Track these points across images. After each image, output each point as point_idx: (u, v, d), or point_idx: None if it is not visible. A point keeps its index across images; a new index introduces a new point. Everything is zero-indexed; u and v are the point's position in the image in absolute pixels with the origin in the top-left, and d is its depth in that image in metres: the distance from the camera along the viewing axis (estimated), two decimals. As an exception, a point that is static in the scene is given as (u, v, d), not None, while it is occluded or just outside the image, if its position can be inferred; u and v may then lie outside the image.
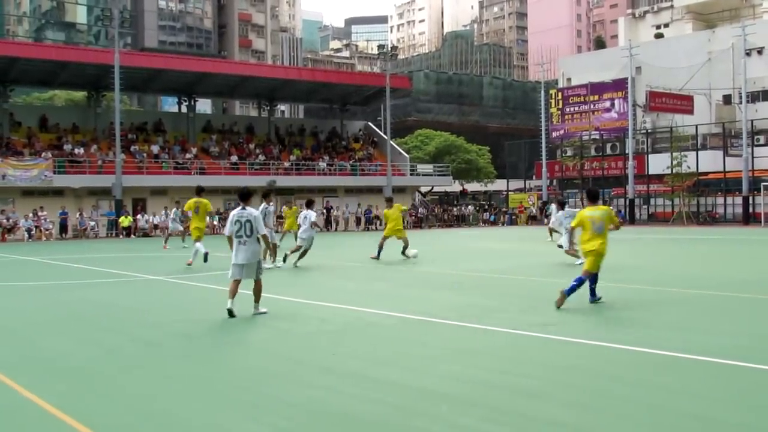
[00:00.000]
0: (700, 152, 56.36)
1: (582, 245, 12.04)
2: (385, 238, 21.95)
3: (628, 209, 56.78)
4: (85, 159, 46.38)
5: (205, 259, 19.83)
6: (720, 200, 55.57)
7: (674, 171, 54.01)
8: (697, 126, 57.44)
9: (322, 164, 55.05)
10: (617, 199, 59.98)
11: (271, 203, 18.43)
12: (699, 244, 30.08)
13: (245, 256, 11.29)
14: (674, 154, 54.42)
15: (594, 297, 12.06)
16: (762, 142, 58.49)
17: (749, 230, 42.49)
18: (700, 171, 54.42)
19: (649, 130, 66.20)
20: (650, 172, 58.29)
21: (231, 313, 11.03)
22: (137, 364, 8.11)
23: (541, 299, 12.73)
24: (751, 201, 51.61)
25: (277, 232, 21.17)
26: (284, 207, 32.15)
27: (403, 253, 21.65)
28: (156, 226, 44.88)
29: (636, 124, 62.07)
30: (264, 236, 11.49)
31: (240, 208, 11.39)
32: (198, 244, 20.32)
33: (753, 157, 52.53)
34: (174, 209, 33.71)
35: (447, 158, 67.83)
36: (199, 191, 21.57)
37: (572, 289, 11.61)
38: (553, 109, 65.34)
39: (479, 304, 12.40)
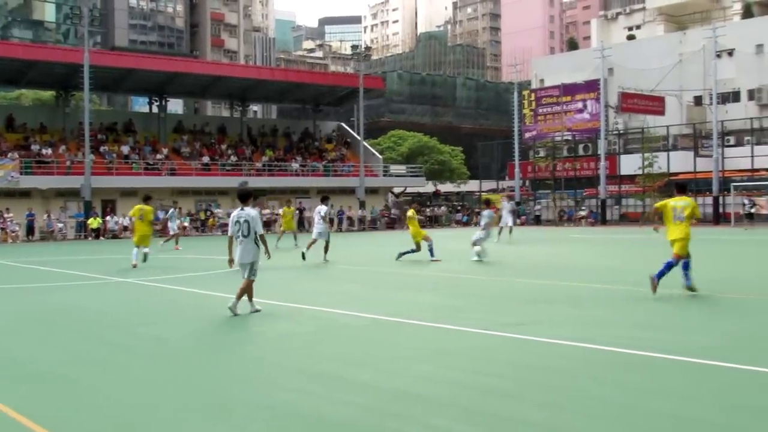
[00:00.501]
0: (671, 153, 56.76)
1: (667, 235, 12.97)
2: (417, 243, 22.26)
3: (600, 210, 57.20)
4: (53, 159, 45.87)
5: (145, 259, 20.93)
6: (700, 201, 54.59)
7: (645, 171, 54.33)
8: (668, 127, 57.96)
9: (295, 165, 54.90)
10: (589, 199, 60.36)
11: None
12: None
13: (239, 255, 11.50)
14: (645, 154, 54.75)
15: (688, 281, 12.76)
16: (732, 143, 59.01)
17: (719, 230, 43.05)
18: (671, 171, 54.63)
19: (621, 131, 66.69)
20: (622, 173, 58.60)
21: (234, 314, 11.38)
22: (105, 368, 7.98)
23: (513, 299, 12.74)
24: (721, 201, 51.92)
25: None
26: (284, 207, 32.14)
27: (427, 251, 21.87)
28: (126, 228, 44.44)
29: (608, 125, 62.60)
30: (262, 235, 11.50)
31: (239, 208, 11.60)
32: (136, 250, 21.09)
33: (723, 158, 52.91)
34: (171, 209, 33.29)
35: (420, 159, 67.89)
36: (146, 199, 22.42)
37: (661, 274, 12.48)
38: (525, 110, 65.48)
39: (452, 304, 12.39)
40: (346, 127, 63.49)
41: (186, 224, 44.29)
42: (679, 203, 12.94)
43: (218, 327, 10.59)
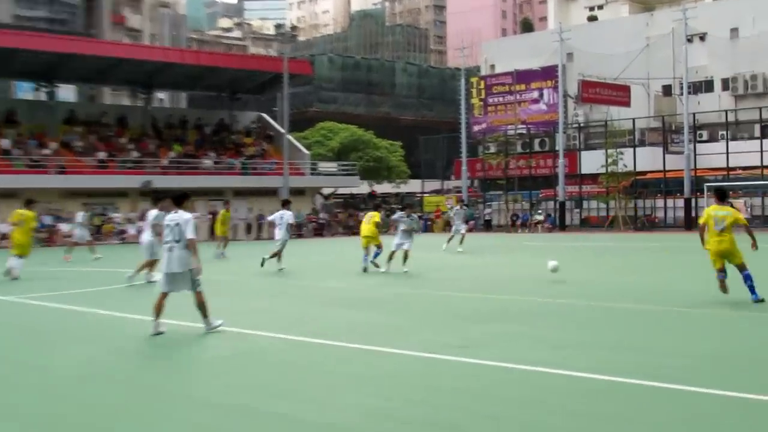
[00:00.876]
0: (637, 149, 57.26)
1: (706, 244, 13.93)
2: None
3: (557, 213, 57.87)
4: None
5: (7, 274, 20.86)
6: (659, 203, 56.31)
7: (609, 170, 54.74)
8: (634, 120, 58.12)
9: (208, 162, 54.36)
10: (546, 201, 60.97)
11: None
12: (636, 252, 30.61)
13: (172, 264, 11.54)
14: (609, 151, 55.16)
15: (754, 294, 13.63)
16: (705, 137, 59.75)
17: (691, 236, 41.29)
18: (637, 170, 55.21)
19: (581, 124, 66.92)
20: (583, 172, 59.14)
21: (157, 333, 11.37)
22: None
23: (459, 317, 12.74)
24: (693, 204, 52.12)
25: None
26: (222, 210, 32.45)
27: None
28: (4, 236, 43.23)
29: (567, 118, 62.54)
30: (192, 240, 11.41)
31: (173, 212, 11.71)
32: (14, 260, 21.20)
33: (695, 155, 53.51)
34: (81, 213, 32.74)
35: (353, 155, 67.91)
36: (28, 203, 22.41)
37: (752, 288, 13.57)
38: (474, 99, 65.79)
39: (390, 323, 12.37)
40: (268, 119, 63.23)
41: (76, 231, 43.11)
42: (720, 213, 13.84)
43: (115, 353, 10.39)
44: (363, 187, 69.45)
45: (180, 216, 11.62)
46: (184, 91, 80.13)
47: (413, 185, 73.60)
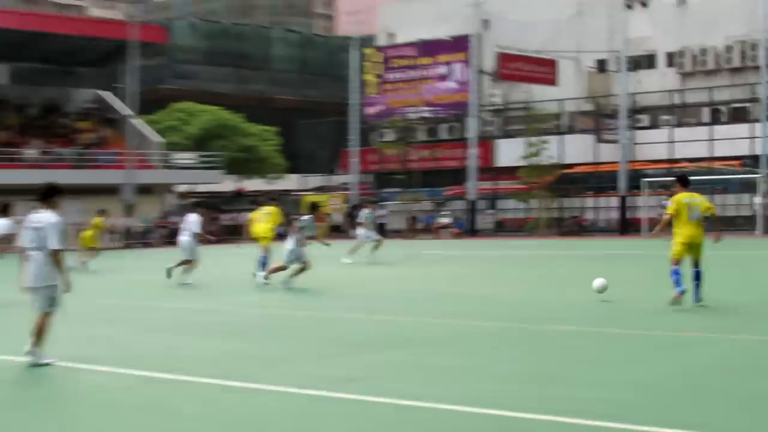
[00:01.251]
0: (565, 137, 57.70)
1: (675, 236, 15.63)
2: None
3: (468, 216, 58.20)
4: None
5: None
6: (590, 202, 57.21)
7: (531, 162, 55.15)
8: (562, 101, 58.97)
9: (32, 152, 53.11)
10: (454, 201, 61.29)
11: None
12: (561, 262, 31.28)
13: (27, 277, 11.39)
14: (532, 139, 55.50)
15: (697, 297, 15.58)
16: (646, 123, 60.53)
17: (626, 242, 44.17)
18: (564, 163, 55.95)
19: (499, 107, 67.16)
20: (499, 164, 59.80)
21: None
22: None
23: (346, 343, 12.85)
24: (630, 203, 53.24)
25: None
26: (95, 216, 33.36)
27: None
28: None
29: (482, 98, 62.74)
30: (56, 252, 11.16)
31: (38, 211, 11.52)
32: None
33: (634, 144, 54.83)
34: None
35: (217, 144, 66.40)
36: None
37: (678, 282, 15.41)
38: (369, 75, 65.99)
39: (261, 353, 12.40)
40: (110, 98, 62.28)
41: None
42: (695, 200, 15.64)
43: None
44: (227, 184, 69.42)
45: (43, 218, 11.35)
46: (3, 63, 77.80)
47: (290, 181, 73.27)
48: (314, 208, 25.01)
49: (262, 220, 23.91)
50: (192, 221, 24.68)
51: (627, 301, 17.28)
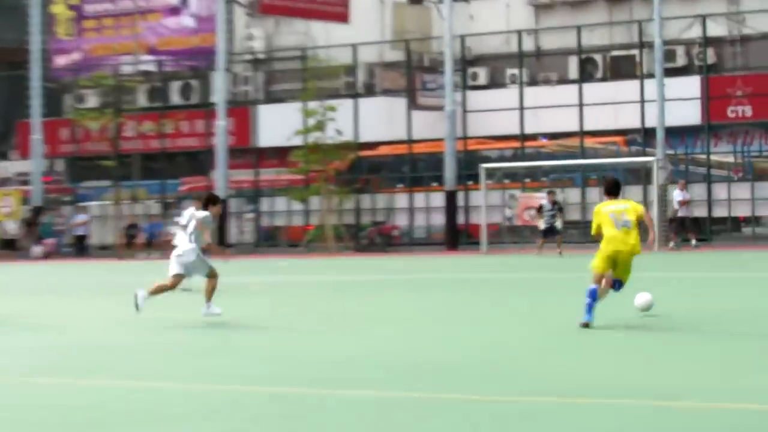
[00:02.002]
0: (361, 101, 50.45)
1: (604, 247, 15.14)
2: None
3: (216, 221, 47.35)
4: None
5: None
6: (403, 200, 49.86)
7: (310, 141, 47.68)
8: (356, 47, 51.03)
9: None
10: (191, 199, 53.24)
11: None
12: (349, 293, 26.72)
13: None
14: (310, 105, 48.01)
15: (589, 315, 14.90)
16: (482, 81, 52.43)
17: (457, 261, 40.40)
18: (361, 141, 49.13)
19: (261, 56, 59.30)
20: (261, 144, 52.70)
21: None
22: None
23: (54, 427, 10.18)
24: (461, 201, 47.44)
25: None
26: None
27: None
28: None
29: (234, 44, 56.21)
30: None
31: None
32: None
33: (466, 112, 48.31)
34: None
35: None
36: None
37: (590, 308, 14.78)
38: (58, 6, 57.25)
39: None
40: None
41: None
42: (617, 207, 15.24)
43: None
44: None
45: None
46: None
47: None
48: (212, 200, 20.01)
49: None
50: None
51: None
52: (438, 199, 47.29)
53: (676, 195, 40.78)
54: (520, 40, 49.15)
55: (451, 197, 46.53)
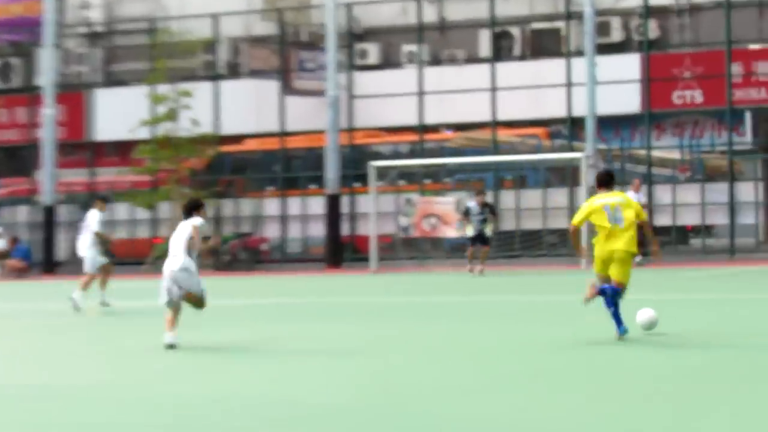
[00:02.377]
0: (223, 84, 47.55)
1: (599, 248, 15.03)
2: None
3: (44, 233, 47.74)
4: None
5: None
6: (274, 206, 47.09)
7: (159, 134, 45.22)
8: (217, 19, 48.03)
9: None
10: (8, 206, 51.78)
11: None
12: (206, 325, 21.16)
13: None
14: (160, 89, 45.41)
15: (621, 328, 14.50)
16: (372, 59, 49.98)
17: (339, 281, 38.85)
18: (224, 134, 46.17)
19: (99, 29, 54.70)
20: (100, 138, 49.33)
21: None
22: None
23: None
24: (346, 207, 45.08)
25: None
26: None
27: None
28: None
29: (65, 13, 51.46)
30: None
31: None
32: None
33: (351, 98, 46.22)
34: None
35: None
36: None
37: (616, 314, 14.34)
38: None
39: None
40: None
41: None
42: (613, 200, 14.78)
43: None
44: None
45: None
46: None
47: None
48: (197, 206, 18.39)
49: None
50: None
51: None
52: (317, 205, 44.65)
53: (632, 198, 37.64)
54: (419, 9, 46.19)
55: (333, 202, 43.98)
